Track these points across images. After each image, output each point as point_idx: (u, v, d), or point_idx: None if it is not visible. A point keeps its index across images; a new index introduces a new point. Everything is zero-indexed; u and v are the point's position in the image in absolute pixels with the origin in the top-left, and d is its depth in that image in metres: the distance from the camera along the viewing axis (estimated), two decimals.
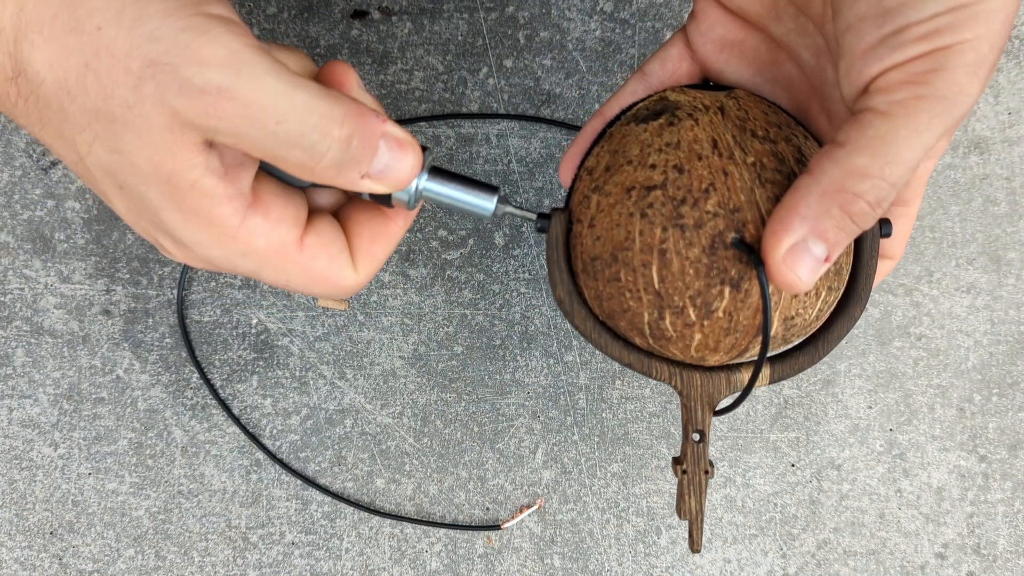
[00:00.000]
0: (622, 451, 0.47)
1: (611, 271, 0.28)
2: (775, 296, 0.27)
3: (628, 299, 0.28)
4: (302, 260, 0.27)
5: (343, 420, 0.47)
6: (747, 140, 0.28)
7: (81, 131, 0.24)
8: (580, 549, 0.46)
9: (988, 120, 0.47)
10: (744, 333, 0.28)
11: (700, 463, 0.31)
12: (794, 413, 0.47)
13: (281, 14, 0.47)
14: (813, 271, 0.25)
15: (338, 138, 0.24)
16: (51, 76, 0.23)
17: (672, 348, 0.29)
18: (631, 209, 0.28)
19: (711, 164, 0.27)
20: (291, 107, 0.23)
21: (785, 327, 0.29)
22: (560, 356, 0.47)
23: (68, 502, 0.46)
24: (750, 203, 0.27)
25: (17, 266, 0.46)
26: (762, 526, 0.46)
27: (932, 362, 0.47)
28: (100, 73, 0.23)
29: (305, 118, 0.24)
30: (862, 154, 0.24)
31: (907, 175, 0.24)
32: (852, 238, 0.25)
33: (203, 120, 0.23)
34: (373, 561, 0.46)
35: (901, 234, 0.32)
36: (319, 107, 0.24)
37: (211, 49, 0.23)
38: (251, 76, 0.23)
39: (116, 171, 0.24)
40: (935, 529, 0.46)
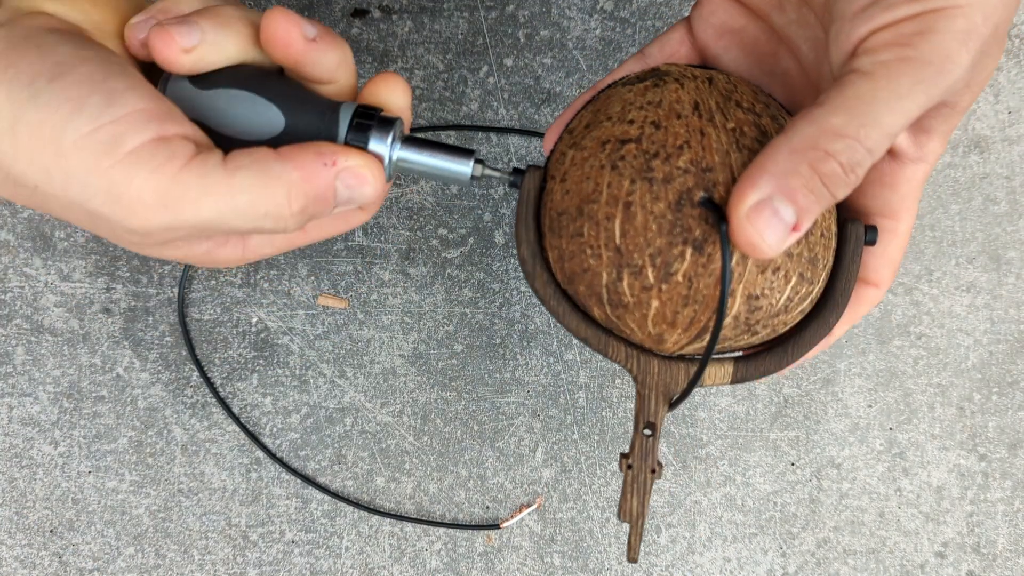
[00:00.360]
0: (622, 449, 0.47)
1: (575, 226, 0.28)
2: (739, 268, 0.26)
3: (588, 257, 0.27)
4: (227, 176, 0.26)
5: (343, 418, 0.47)
6: (730, 108, 0.27)
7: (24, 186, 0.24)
8: (580, 548, 0.46)
9: (988, 119, 0.47)
10: (704, 306, 0.27)
11: (648, 460, 0.29)
12: (794, 412, 0.47)
13: None
14: (779, 236, 0.24)
15: (292, 214, 0.25)
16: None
17: (630, 321, 0.28)
18: (603, 161, 0.27)
19: (689, 123, 0.27)
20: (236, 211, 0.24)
21: (749, 307, 0.27)
22: (560, 355, 0.47)
23: (68, 500, 0.46)
24: (724, 165, 0.26)
25: (17, 264, 0.46)
26: (762, 525, 0.46)
27: (932, 361, 0.47)
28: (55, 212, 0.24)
29: (254, 214, 0.24)
30: (838, 113, 0.23)
31: (884, 141, 0.23)
32: (823, 205, 0.24)
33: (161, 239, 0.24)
34: (373, 559, 0.46)
35: (890, 257, 0.30)
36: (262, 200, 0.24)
37: (140, 195, 0.23)
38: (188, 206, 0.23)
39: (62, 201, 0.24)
40: (935, 528, 0.46)
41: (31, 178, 0.23)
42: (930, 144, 0.28)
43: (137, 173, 0.23)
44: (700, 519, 0.46)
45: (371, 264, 0.47)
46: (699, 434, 0.47)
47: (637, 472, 0.29)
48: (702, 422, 0.47)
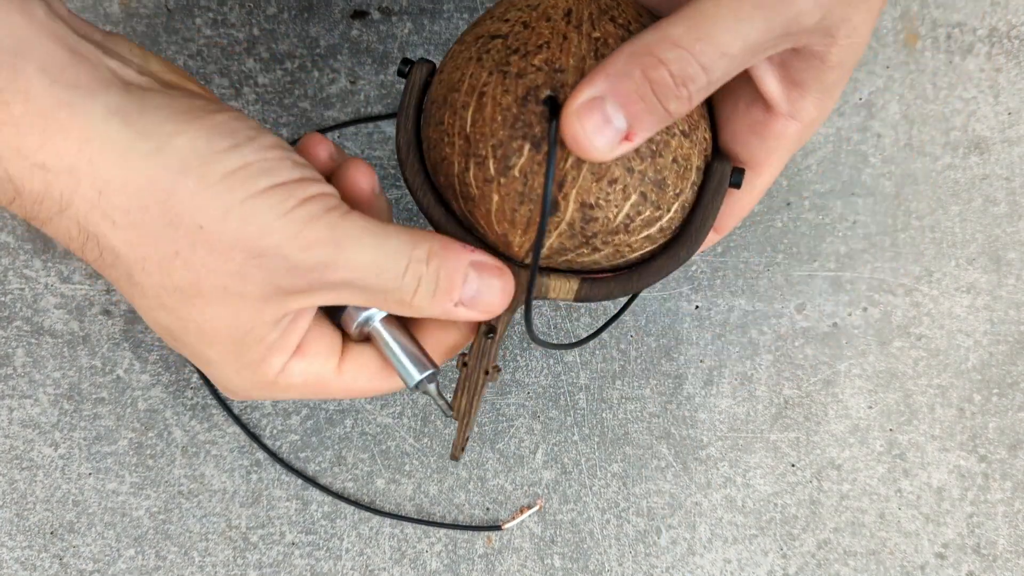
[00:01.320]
0: (622, 451, 0.47)
1: (439, 114, 0.29)
2: (573, 171, 0.26)
3: (445, 145, 0.28)
4: (342, 383, 0.29)
5: (343, 420, 0.47)
6: (602, 21, 0.28)
7: (145, 298, 0.25)
8: (580, 549, 0.46)
9: (988, 120, 0.47)
10: (538, 205, 0.27)
11: (483, 360, 0.29)
12: (794, 413, 0.47)
13: (281, 14, 0.47)
14: (609, 141, 0.24)
15: (427, 272, 0.26)
16: (128, 253, 0.24)
17: (478, 216, 0.29)
18: (472, 54, 0.28)
19: (555, 27, 0.27)
20: (385, 257, 0.26)
21: (583, 216, 0.27)
22: (560, 356, 0.47)
23: (68, 502, 0.46)
24: (577, 69, 0.26)
25: (17, 266, 0.46)
26: (762, 526, 0.46)
27: (932, 362, 0.47)
28: (192, 261, 0.24)
29: (398, 261, 0.26)
30: (679, 25, 0.23)
31: (721, 62, 0.23)
32: (656, 116, 0.24)
33: (310, 288, 0.25)
34: (373, 561, 0.46)
35: (739, 206, 0.31)
36: (407, 247, 0.26)
37: (315, 233, 0.25)
38: (350, 244, 0.25)
39: (176, 332, 0.26)
40: (935, 529, 0.46)
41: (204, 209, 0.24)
42: (802, 102, 0.28)
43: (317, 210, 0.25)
44: (700, 520, 0.46)
45: None
46: (699, 435, 0.47)
47: (472, 370, 0.29)
48: (702, 423, 0.47)
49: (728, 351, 0.47)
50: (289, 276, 0.25)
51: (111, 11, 0.46)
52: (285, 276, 0.25)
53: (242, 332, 0.26)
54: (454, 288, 0.27)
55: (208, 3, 0.46)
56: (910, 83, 0.47)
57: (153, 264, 0.24)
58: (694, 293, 0.47)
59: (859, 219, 0.47)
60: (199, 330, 0.26)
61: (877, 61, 0.47)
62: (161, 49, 0.46)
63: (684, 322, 0.47)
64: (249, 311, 0.25)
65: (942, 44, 0.47)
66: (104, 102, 0.23)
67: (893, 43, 0.47)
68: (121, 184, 0.23)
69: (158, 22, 0.46)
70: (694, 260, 0.47)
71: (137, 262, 0.24)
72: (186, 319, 0.25)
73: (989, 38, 0.47)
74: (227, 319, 0.25)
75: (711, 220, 0.29)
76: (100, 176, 0.23)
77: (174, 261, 0.24)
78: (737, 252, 0.47)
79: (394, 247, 0.26)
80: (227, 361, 0.27)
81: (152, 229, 0.23)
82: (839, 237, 0.47)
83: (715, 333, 0.47)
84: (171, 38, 0.46)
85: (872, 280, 0.47)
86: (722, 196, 0.29)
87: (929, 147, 0.47)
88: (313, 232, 0.25)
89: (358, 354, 0.30)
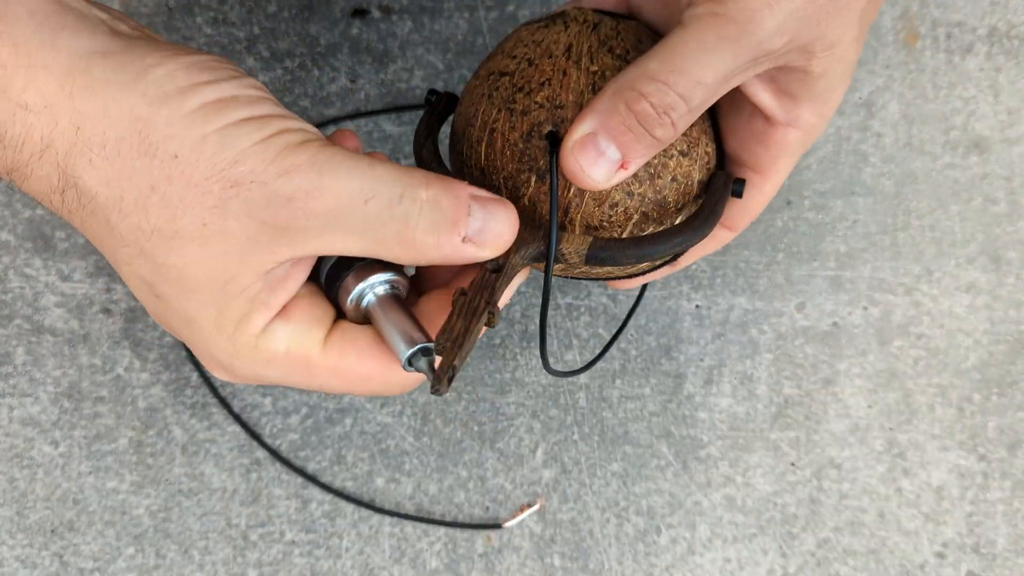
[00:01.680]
0: (622, 450, 0.47)
1: (459, 145, 0.31)
2: (576, 199, 0.28)
3: (466, 175, 0.30)
4: (328, 360, 0.27)
5: (343, 419, 0.47)
6: (600, 53, 0.29)
7: (125, 245, 0.24)
8: (580, 548, 0.46)
9: (988, 120, 0.47)
10: (546, 230, 0.27)
11: (485, 292, 0.26)
12: (794, 412, 0.47)
13: (282, 13, 0.47)
14: (605, 171, 0.25)
15: (426, 199, 0.24)
16: (105, 193, 0.23)
17: None
18: (484, 91, 0.30)
19: (556, 64, 0.29)
20: (375, 182, 0.24)
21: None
22: (560, 355, 0.47)
23: (68, 500, 0.46)
24: (576, 104, 0.28)
25: (17, 265, 0.46)
26: (762, 525, 0.46)
27: (932, 361, 0.47)
28: (169, 196, 0.23)
29: (390, 188, 0.24)
30: (655, 59, 0.25)
31: (699, 90, 0.25)
32: (646, 145, 0.25)
33: (295, 223, 0.23)
34: (373, 560, 0.46)
35: (750, 208, 0.33)
36: (400, 176, 0.25)
37: (294, 159, 0.23)
38: (333, 168, 0.24)
39: (155, 282, 0.25)
40: (935, 528, 0.46)
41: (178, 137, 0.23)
42: (798, 110, 0.29)
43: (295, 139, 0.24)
44: (700, 520, 0.47)
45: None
46: (699, 435, 0.47)
47: (471, 299, 0.26)
48: (702, 423, 0.47)
49: (728, 350, 0.47)
50: (268, 207, 0.23)
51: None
52: (264, 208, 0.23)
53: (224, 279, 0.24)
54: (460, 219, 0.25)
55: (208, 2, 0.46)
56: (910, 82, 0.47)
57: (130, 203, 0.23)
58: (694, 292, 0.47)
59: (859, 218, 0.47)
60: (179, 277, 0.24)
61: (877, 60, 0.47)
62: None
63: (684, 321, 0.47)
64: (232, 255, 0.24)
65: (942, 43, 0.47)
66: (88, 43, 0.23)
67: (893, 42, 0.47)
68: (99, 116, 0.23)
69: (159, 20, 0.46)
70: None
71: (114, 202, 0.23)
72: (165, 265, 0.24)
73: (989, 37, 0.47)
74: (208, 262, 0.24)
75: (711, 226, 0.29)
76: (78, 110, 0.23)
77: (151, 197, 0.23)
78: (737, 251, 0.47)
79: (384, 173, 0.24)
80: (207, 316, 0.25)
81: (128, 162, 0.23)
82: (839, 236, 0.47)
83: (715, 332, 0.47)
84: (171, 36, 0.46)
85: (872, 279, 0.47)
86: (723, 206, 0.30)
87: (929, 146, 0.47)
88: (292, 158, 0.23)
89: (347, 329, 0.27)
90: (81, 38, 0.23)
